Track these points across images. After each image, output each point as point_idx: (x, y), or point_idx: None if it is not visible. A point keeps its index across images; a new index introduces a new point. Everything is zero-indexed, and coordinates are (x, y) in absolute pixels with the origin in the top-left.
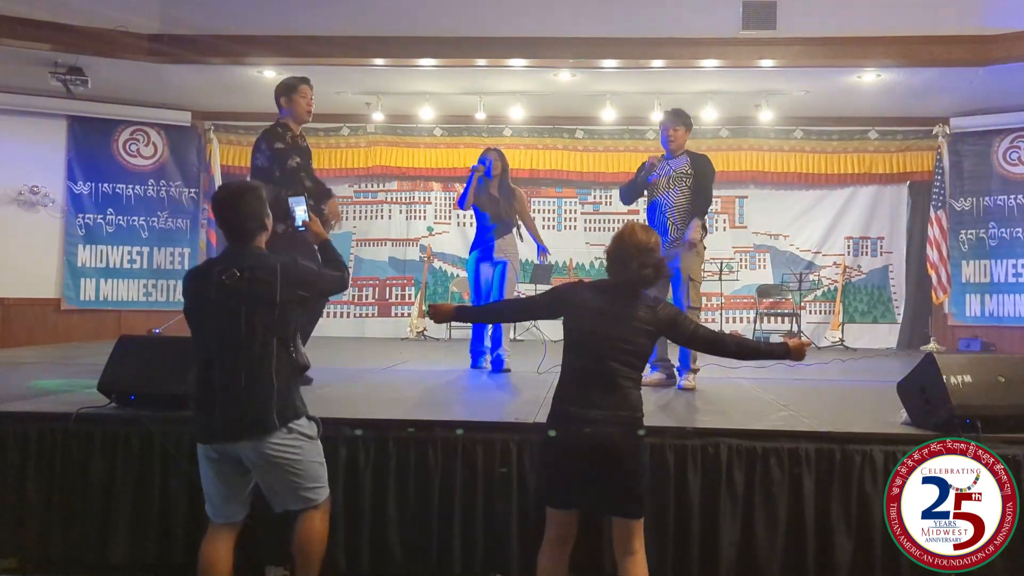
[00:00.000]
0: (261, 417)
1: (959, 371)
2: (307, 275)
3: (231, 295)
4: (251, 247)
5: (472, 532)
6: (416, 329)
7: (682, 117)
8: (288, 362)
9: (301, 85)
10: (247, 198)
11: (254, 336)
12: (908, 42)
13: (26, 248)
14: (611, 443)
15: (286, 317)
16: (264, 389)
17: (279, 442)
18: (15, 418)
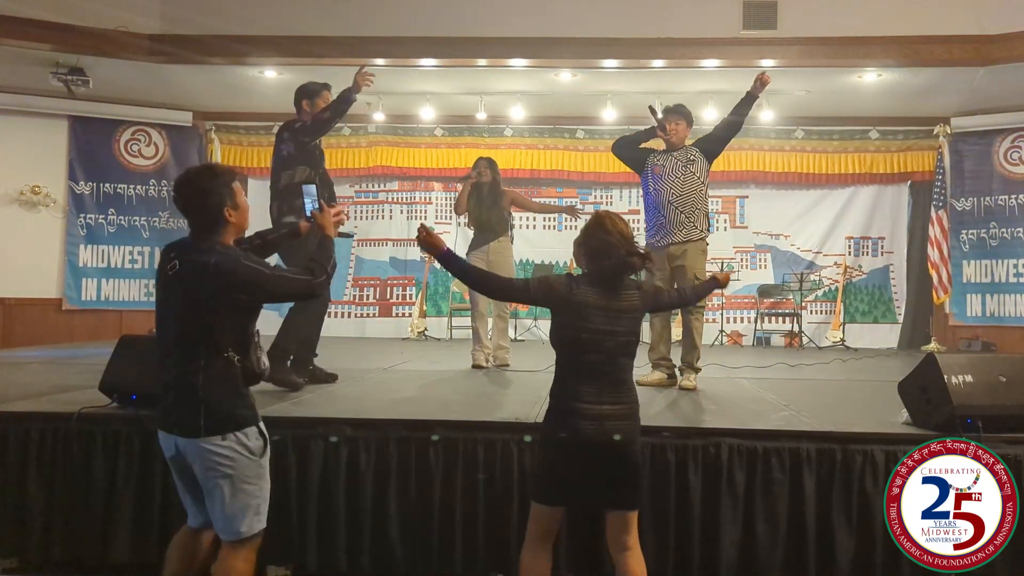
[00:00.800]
0: (189, 419)
1: (960, 371)
2: (249, 276)
3: (170, 289)
4: (208, 238)
5: (473, 532)
6: (417, 329)
7: (682, 111)
8: (225, 369)
9: (324, 91)
10: (203, 182)
11: (182, 337)
12: (909, 42)
13: (27, 248)
14: (623, 436)
15: (217, 321)
16: (189, 393)
17: (212, 447)
18: (16, 418)
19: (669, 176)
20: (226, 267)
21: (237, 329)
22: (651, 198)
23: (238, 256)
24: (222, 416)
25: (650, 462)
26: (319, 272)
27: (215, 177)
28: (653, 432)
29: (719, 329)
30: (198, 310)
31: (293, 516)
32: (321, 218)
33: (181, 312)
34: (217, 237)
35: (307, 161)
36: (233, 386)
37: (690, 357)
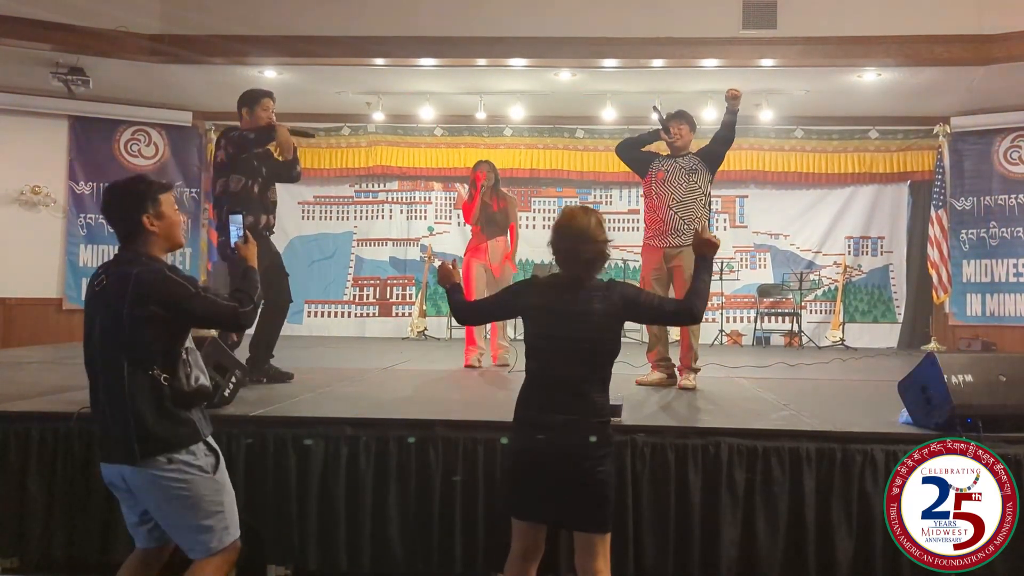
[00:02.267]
0: (122, 445)
1: (960, 370)
2: (170, 292)
3: (95, 305)
4: (130, 247)
5: (473, 532)
6: (417, 329)
7: (686, 117)
8: (151, 388)
9: (264, 98)
10: (122, 193)
11: (105, 354)
12: (908, 41)
13: (28, 248)
14: (573, 451)
15: (138, 336)
16: (119, 414)
17: (159, 472)
18: (16, 418)
19: (672, 182)
20: (146, 279)
21: (161, 346)
22: (653, 201)
23: (162, 268)
24: (156, 438)
25: (650, 462)
26: (246, 302)
27: (138, 183)
28: (653, 432)
29: (719, 329)
30: (120, 325)
31: (293, 516)
32: (244, 249)
33: (104, 328)
34: (140, 248)
35: (243, 171)
36: (162, 407)
37: (688, 359)
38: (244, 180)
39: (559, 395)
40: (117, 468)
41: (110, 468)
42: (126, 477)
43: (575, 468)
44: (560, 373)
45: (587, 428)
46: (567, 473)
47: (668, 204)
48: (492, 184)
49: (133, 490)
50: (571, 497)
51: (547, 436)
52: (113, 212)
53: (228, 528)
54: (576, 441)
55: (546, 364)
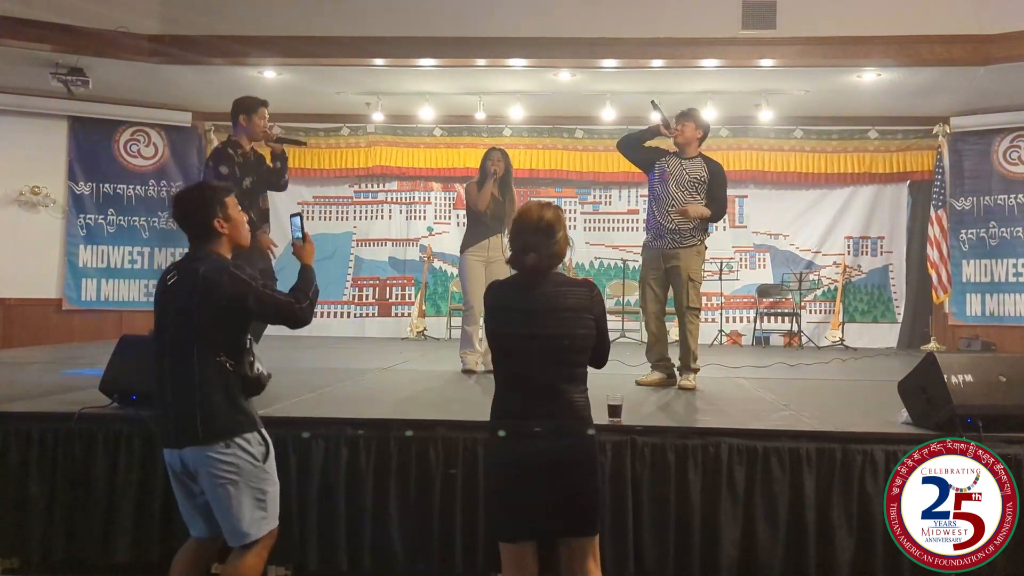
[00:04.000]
0: (188, 427)
1: (960, 371)
2: (235, 287)
3: (168, 297)
4: (204, 250)
5: (474, 532)
6: (416, 329)
7: (690, 115)
8: (220, 373)
9: (260, 107)
10: (194, 199)
11: (178, 342)
12: (908, 41)
13: (27, 249)
14: (561, 458)
15: (207, 326)
16: (188, 398)
17: (216, 455)
18: (17, 418)
19: (675, 184)
20: (212, 275)
21: (228, 336)
22: (654, 202)
23: (227, 265)
24: (220, 422)
25: (650, 462)
26: (303, 299)
27: (207, 190)
28: (654, 432)
29: (718, 329)
30: (190, 317)
31: (294, 516)
32: (301, 249)
33: (175, 321)
34: (210, 248)
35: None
36: (229, 393)
37: (687, 359)
38: (250, 181)
39: (537, 400)
40: (178, 453)
41: (172, 453)
42: (186, 460)
43: (565, 475)
44: (534, 376)
45: (571, 431)
46: (557, 481)
47: (669, 207)
48: (502, 175)
49: (193, 473)
50: (563, 505)
51: (531, 445)
52: (187, 218)
53: (268, 518)
54: (562, 446)
55: (519, 368)
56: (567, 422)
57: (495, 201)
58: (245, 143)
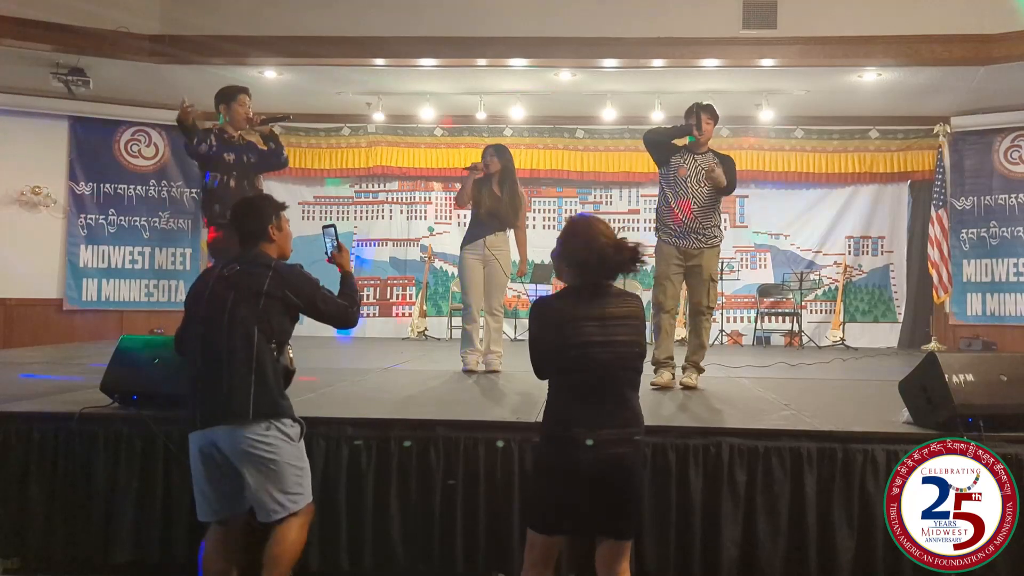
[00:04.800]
0: (237, 404)
1: (961, 370)
2: (302, 282)
3: (226, 285)
4: (256, 245)
5: (474, 531)
6: (417, 329)
7: (711, 109)
8: (271, 358)
9: (240, 94)
10: (257, 203)
11: (237, 323)
12: (909, 41)
13: (28, 249)
14: (622, 465)
15: (270, 310)
16: (242, 377)
17: (256, 436)
18: (18, 418)
19: (694, 181)
20: (284, 268)
21: (281, 328)
22: (671, 198)
23: (297, 265)
24: (269, 402)
25: (651, 462)
26: (352, 303)
27: (266, 199)
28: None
29: (719, 329)
30: (257, 301)
31: None
32: (339, 258)
33: (240, 304)
34: (261, 250)
35: (216, 167)
36: (278, 377)
37: (697, 356)
38: (219, 176)
39: (605, 408)
40: (213, 436)
41: (206, 436)
42: (223, 443)
43: (622, 481)
44: (603, 384)
45: (633, 438)
46: (614, 487)
47: (690, 205)
48: (498, 171)
49: (229, 454)
50: (613, 509)
51: (596, 452)
52: (247, 218)
53: (304, 493)
54: (625, 454)
55: (592, 376)
56: (631, 428)
57: (494, 198)
58: (231, 131)
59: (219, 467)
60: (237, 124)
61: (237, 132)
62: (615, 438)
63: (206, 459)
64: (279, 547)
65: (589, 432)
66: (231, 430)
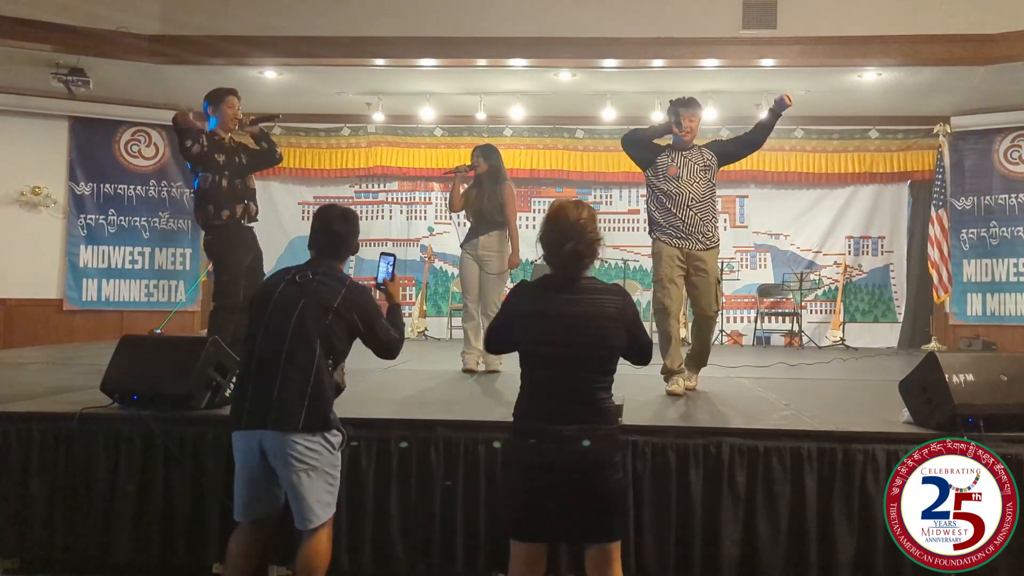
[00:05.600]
0: (290, 414)
1: (961, 370)
2: (369, 306)
3: (297, 292)
4: (332, 265)
5: (474, 531)
6: (417, 329)
7: (695, 104)
8: (327, 373)
9: (228, 96)
10: (349, 220)
11: (301, 333)
12: (909, 41)
13: (28, 249)
14: (589, 464)
15: (335, 328)
16: (298, 387)
17: (303, 443)
18: (18, 418)
19: (687, 178)
20: (357, 289)
21: (341, 344)
22: (665, 199)
23: (368, 289)
24: (321, 414)
25: (651, 462)
26: (401, 337)
27: (357, 222)
28: (654, 432)
29: (719, 329)
30: (326, 315)
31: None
32: (391, 287)
33: (306, 314)
34: (337, 263)
35: (207, 167)
36: (331, 392)
37: (701, 359)
38: (210, 176)
39: (568, 404)
40: (259, 437)
41: (252, 437)
42: (267, 445)
43: (591, 481)
44: (567, 380)
45: (601, 436)
46: (583, 487)
47: (687, 203)
48: (484, 172)
49: (270, 457)
50: (586, 512)
51: (559, 450)
52: (343, 236)
53: (332, 503)
54: (592, 452)
55: (550, 372)
56: (597, 428)
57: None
58: (222, 133)
59: (257, 468)
60: (226, 126)
61: (227, 134)
62: (581, 438)
63: (246, 460)
64: (311, 556)
65: (550, 429)
66: (279, 435)
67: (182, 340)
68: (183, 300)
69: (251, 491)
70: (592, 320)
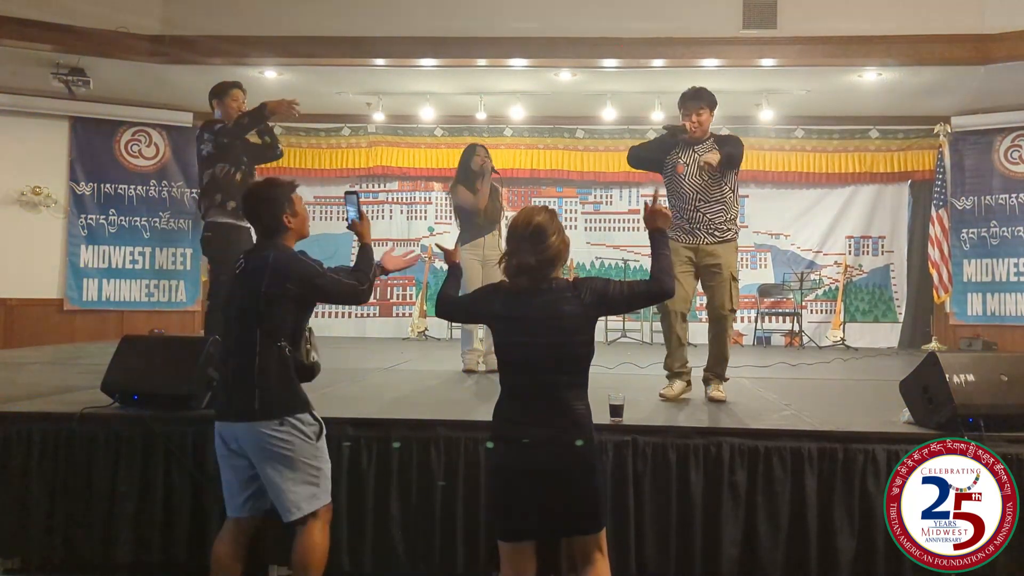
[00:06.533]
0: (245, 404)
1: (962, 370)
2: (301, 270)
3: (236, 283)
4: (272, 241)
5: (474, 531)
6: (417, 329)
7: (706, 97)
8: (278, 357)
9: (232, 89)
10: (263, 193)
11: (241, 325)
12: (909, 41)
13: (29, 249)
14: (557, 465)
15: (272, 310)
16: (245, 376)
17: (270, 432)
18: (19, 418)
19: (693, 176)
20: (280, 261)
21: (289, 322)
22: (673, 197)
23: (293, 253)
24: (274, 401)
25: (651, 461)
26: (363, 280)
27: (275, 187)
28: (655, 432)
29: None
30: (256, 301)
31: None
32: (360, 227)
33: (242, 306)
34: (278, 240)
35: (226, 159)
36: (286, 375)
37: (720, 368)
38: (228, 168)
39: (537, 407)
40: (232, 430)
41: (227, 430)
42: (239, 437)
43: (562, 482)
44: (535, 383)
45: (570, 440)
46: (554, 487)
47: (693, 202)
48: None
49: (245, 450)
50: (560, 509)
51: (529, 451)
52: (260, 214)
53: (319, 494)
54: (559, 454)
55: (519, 375)
56: (565, 429)
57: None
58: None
59: (237, 459)
60: (230, 119)
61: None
62: (546, 437)
63: (225, 450)
64: (303, 551)
65: (519, 430)
66: (247, 426)
67: (182, 340)
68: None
69: (232, 485)
70: (553, 321)
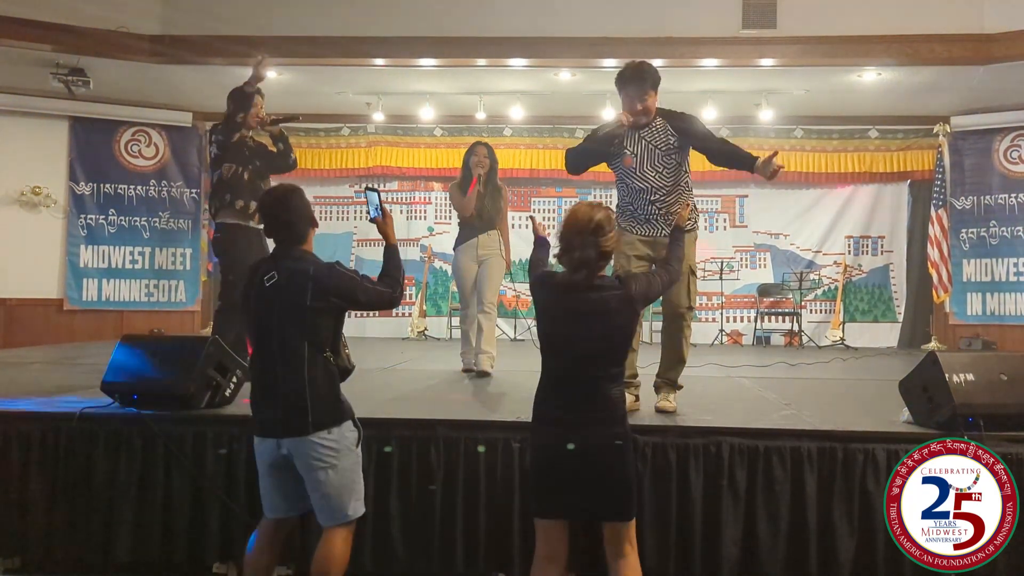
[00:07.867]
0: (296, 421)
1: (961, 369)
2: (343, 283)
3: (270, 298)
4: (295, 249)
5: (475, 531)
6: (417, 329)
7: (650, 77)
8: (324, 367)
9: (255, 99)
10: (291, 200)
11: (286, 341)
12: (909, 41)
13: (29, 249)
14: (593, 449)
15: (317, 323)
16: (297, 395)
17: (320, 442)
18: (18, 418)
19: (645, 167)
20: (324, 273)
21: (332, 331)
22: (626, 192)
23: (332, 266)
24: (326, 413)
25: (651, 461)
26: (395, 285)
27: (299, 194)
28: (654, 432)
29: (719, 329)
30: (302, 315)
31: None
32: (383, 226)
33: (283, 319)
34: (304, 248)
35: (233, 158)
36: (333, 384)
37: (674, 373)
38: (234, 167)
39: (576, 394)
40: (277, 443)
41: (271, 444)
42: (288, 450)
43: (597, 465)
44: (576, 372)
45: (606, 426)
46: (590, 470)
47: (647, 195)
48: (487, 171)
49: (294, 460)
50: (595, 491)
51: (566, 434)
52: (290, 221)
53: (359, 500)
54: (596, 439)
55: (562, 363)
56: (602, 418)
57: (481, 199)
58: (244, 132)
59: (281, 470)
60: (248, 124)
61: (248, 133)
62: (586, 425)
63: (268, 465)
64: (325, 559)
65: (559, 414)
66: (296, 440)
67: (182, 340)
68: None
69: (275, 490)
70: (603, 316)
